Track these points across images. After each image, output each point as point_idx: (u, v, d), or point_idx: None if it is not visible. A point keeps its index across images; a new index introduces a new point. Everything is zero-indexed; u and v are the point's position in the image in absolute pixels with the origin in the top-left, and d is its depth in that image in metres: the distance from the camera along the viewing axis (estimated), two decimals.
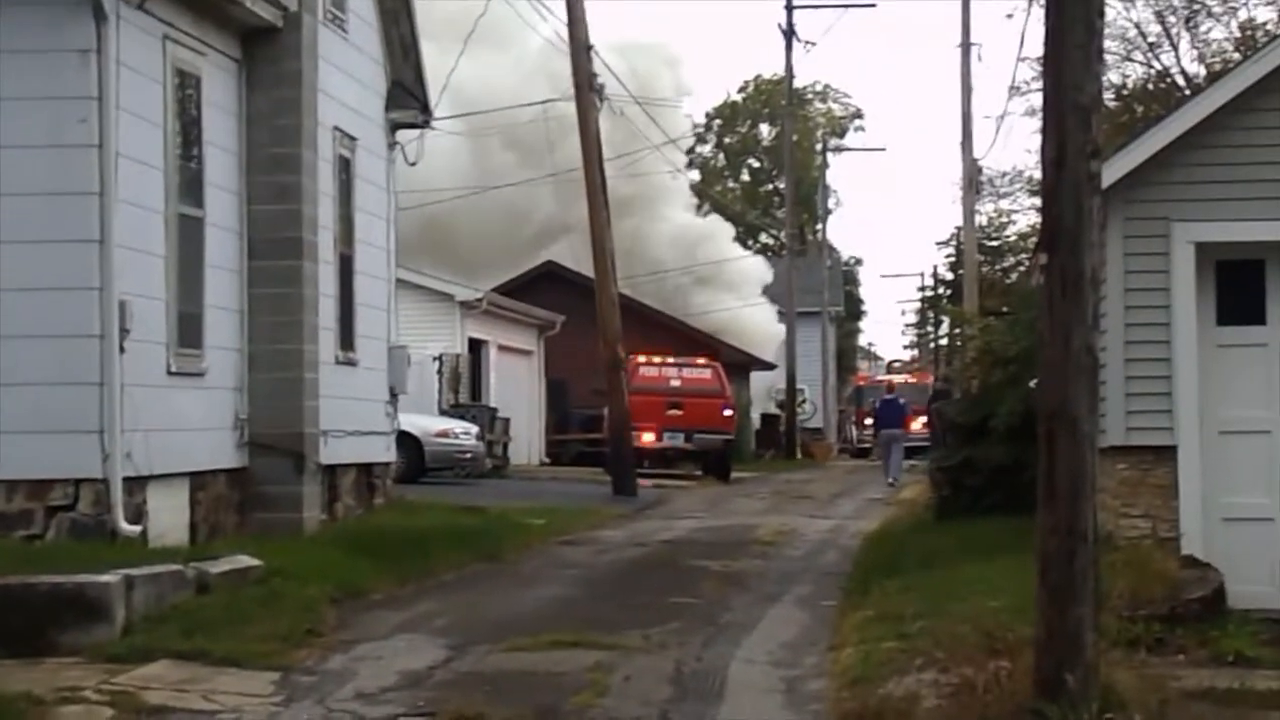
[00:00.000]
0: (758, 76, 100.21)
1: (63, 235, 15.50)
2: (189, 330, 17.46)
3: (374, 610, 15.83)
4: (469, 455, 34.60)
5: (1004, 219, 66.60)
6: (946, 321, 74.77)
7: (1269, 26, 43.82)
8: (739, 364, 59.41)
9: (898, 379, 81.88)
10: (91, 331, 15.52)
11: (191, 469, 17.57)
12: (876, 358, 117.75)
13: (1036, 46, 38.79)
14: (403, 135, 24.77)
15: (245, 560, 15.58)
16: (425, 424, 33.32)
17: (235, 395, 18.75)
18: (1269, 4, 46.35)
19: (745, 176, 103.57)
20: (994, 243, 66.82)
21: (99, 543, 15.20)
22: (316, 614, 14.61)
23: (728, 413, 44.91)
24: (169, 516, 16.94)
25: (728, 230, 70.11)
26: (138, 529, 15.91)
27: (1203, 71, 45.01)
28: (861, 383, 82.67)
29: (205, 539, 17.49)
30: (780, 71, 67.02)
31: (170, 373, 17.00)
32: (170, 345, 17.00)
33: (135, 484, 16.04)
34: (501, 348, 45.33)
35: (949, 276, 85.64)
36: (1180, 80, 46.50)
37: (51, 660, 12.34)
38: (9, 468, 15.42)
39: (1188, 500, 14.62)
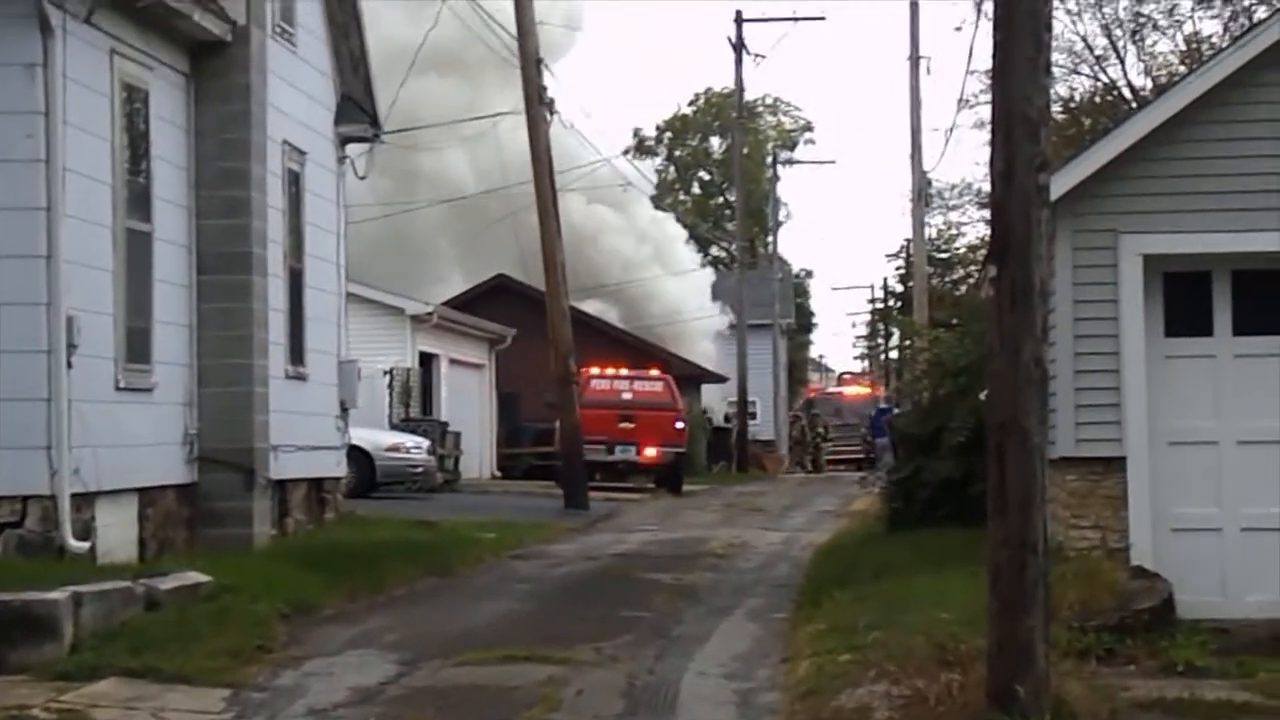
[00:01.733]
0: (708, 89, 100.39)
1: (9, 250, 15.40)
2: (137, 345, 17.37)
3: (325, 626, 15.76)
4: (420, 469, 34.51)
5: (953, 231, 66.95)
6: (897, 334, 75.00)
7: (1214, 40, 44.14)
8: (690, 376, 59.44)
9: (848, 390, 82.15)
10: (39, 346, 15.42)
11: (140, 485, 17.47)
12: (828, 370, 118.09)
13: (985, 60, 38.95)
14: (353, 149, 24.72)
15: (195, 576, 15.50)
16: (376, 438, 33.21)
17: (184, 410, 18.66)
18: (1214, 17, 46.70)
19: (696, 189, 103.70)
20: (944, 255, 67.15)
21: (47, 559, 15.10)
22: (267, 630, 14.54)
23: (679, 425, 44.93)
24: (118, 532, 16.84)
25: (680, 233, 70.27)
26: (86, 545, 15.80)
27: (1149, 84, 45.30)
28: (813, 394, 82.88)
29: (154, 555, 17.39)
30: (730, 84, 67.13)
31: (119, 388, 16.90)
32: (118, 360, 16.91)
33: (83, 500, 15.93)
34: (453, 361, 45.22)
35: (899, 289, 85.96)
36: (1127, 93, 46.78)
37: None
38: None
39: (1137, 511, 14.69)
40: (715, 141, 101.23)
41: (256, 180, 19.39)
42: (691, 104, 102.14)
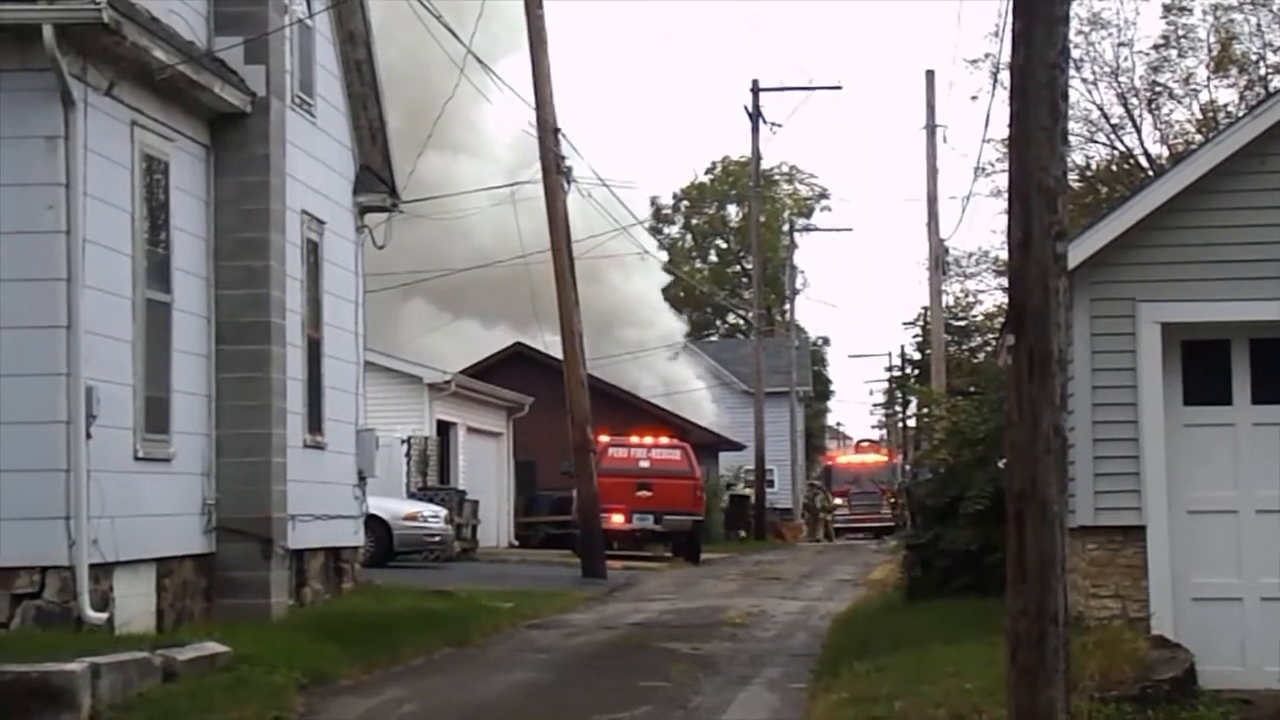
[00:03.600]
0: (725, 158, 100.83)
1: (30, 321, 15.46)
2: (156, 415, 17.40)
3: (342, 696, 15.71)
4: (437, 538, 34.47)
5: (970, 299, 66.99)
6: (914, 401, 74.93)
7: (1230, 108, 44.28)
8: (707, 445, 59.38)
9: (858, 459, 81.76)
10: (58, 417, 15.45)
11: (158, 555, 17.46)
12: (845, 437, 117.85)
13: (1002, 128, 39.09)
14: (371, 219, 24.82)
15: (212, 647, 15.47)
16: (393, 507, 33.19)
17: (203, 480, 18.67)
18: (1230, 86, 46.88)
19: (713, 257, 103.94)
20: (961, 322, 67.13)
21: (65, 630, 15.08)
22: (284, 701, 14.50)
23: (697, 494, 44.85)
24: (136, 603, 16.82)
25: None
26: (104, 616, 15.78)
27: (1165, 153, 45.44)
28: (830, 462, 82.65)
29: (172, 625, 17.37)
30: (747, 153, 67.33)
31: (137, 458, 16.92)
32: (137, 430, 16.94)
33: (102, 570, 15.93)
34: (470, 429, 45.24)
35: (916, 356, 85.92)
36: (1144, 161, 46.91)
37: None
38: None
39: (1157, 580, 14.63)
40: (732, 209, 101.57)
41: (275, 250, 19.46)
42: (708, 172, 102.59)
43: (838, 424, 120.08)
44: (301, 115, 21.47)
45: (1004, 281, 13.38)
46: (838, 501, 73.98)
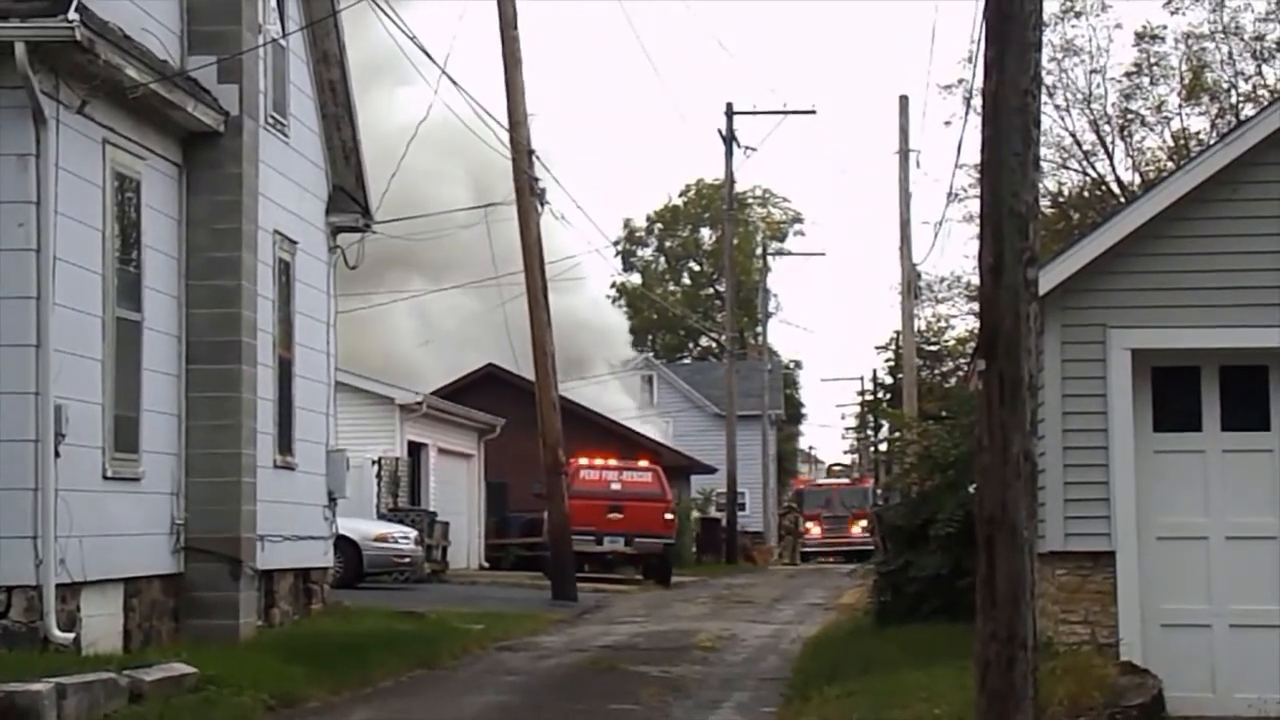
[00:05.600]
0: (699, 180, 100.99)
1: None
2: (126, 434, 17.33)
3: (309, 718, 15.63)
4: (408, 560, 34.38)
5: (943, 324, 67.09)
6: (886, 426, 75.08)
7: (1201, 136, 44.48)
8: (679, 467, 59.34)
9: (835, 482, 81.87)
10: (27, 435, 15.39)
11: (126, 575, 17.38)
12: (817, 461, 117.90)
13: (974, 153, 39.21)
14: (344, 239, 24.78)
15: (180, 668, 15.39)
16: (364, 528, 33.10)
17: (172, 500, 18.59)
18: (1202, 114, 47.08)
19: (686, 280, 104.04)
20: (933, 347, 67.24)
21: (31, 650, 15.00)
22: None
23: (668, 516, 44.81)
24: (103, 623, 16.74)
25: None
26: (71, 636, 15.70)
27: (1137, 180, 45.59)
28: (801, 486, 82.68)
29: (140, 646, 17.28)
30: (721, 176, 67.42)
31: (106, 477, 16.85)
32: (106, 450, 16.86)
33: (69, 590, 15.85)
34: (441, 450, 45.15)
35: (888, 380, 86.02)
36: (1116, 188, 47.07)
37: None
38: None
39: (1126, 606, 14.64)
40: (705, 232, 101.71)
41: (247, 270, 19.41)
42: (682, 194, 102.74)
43: (810, 448, 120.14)
44: (275, 135, 21.44)
45: (976, 306, 13.45)
46: (809, 525, 73.98)
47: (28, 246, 15.47)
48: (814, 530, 73.31)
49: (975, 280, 14.13)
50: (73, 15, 15.24)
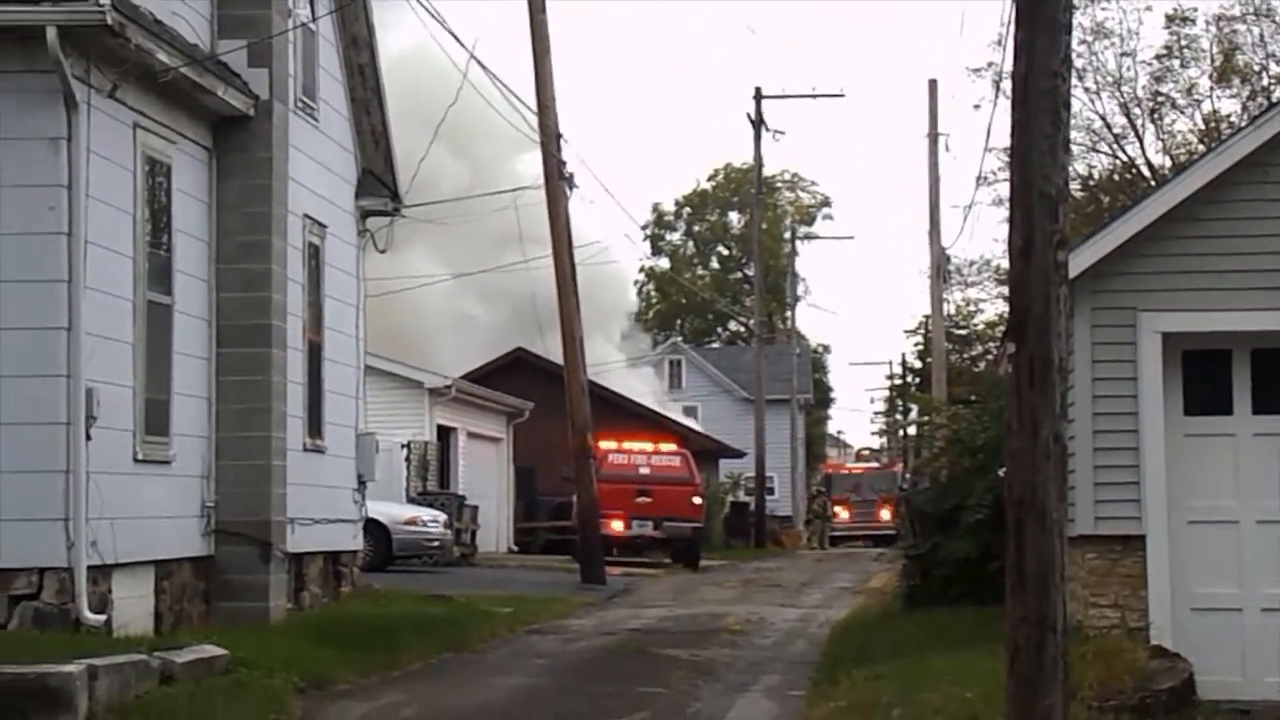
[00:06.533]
0: (727, 165, 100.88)
1: (30, 322, 15.45)
2: (156, 417, 17.39)
3: (340, 701, 15.70)
4: (437, 543, 34.46)
5: (972, 307, 66.96)
6: (915, 410, 75.00)
7: (1232, 119, 44.27)
8: (708, 451, 59.35)
9: (864, 467, 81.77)
10: (58, 418, 15.45)
11: (157, 557, 17.45)
12: (846, 445, 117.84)
13: (1003, 137, 39.12)
14: (373, 223, 24.82)
15: (211, 650, 15.45)
16: (393, 512, 33.18)
17: (202, 483, 18.66)
18: (1232, 97, 46.88)
19: (714, 264, 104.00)
20: (962, 331, 67.13)
21: (63, 632, 15.07)
22: (282, 705, 14.48)
23: (697, 500, 44.82)
24: (134, 605, 16.81)
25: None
26: (102, 618, 15.77)
27: (1168, 163, 45.41)
28: (830, 470, 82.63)
29: (170, 628, 17.36)
30: (750, 160, 67.35)
31: (137, 460, 16.91)
32: (137, 433, 16.93)
33: (100, 572, 15.92)
34: (470, 434, 45.23)
35: (917, 365, 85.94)
36: (1146, 171, 46.89)
37: None
38: None
39: (1156, 590, 14.61)
40: (734, 216, 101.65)
41: (277, 254, 19.46)
42: (711, 179, 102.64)
43: (839, 432, 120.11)
44: (304, 119, 21.47)
45: (1005, 290, 13.38)
46: (837, 509, 73.96)
47: (59, 230, 15.53)
48: (843, 515, 73.27)
49: (1005, 264, 14.11)
50: None
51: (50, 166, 15.54)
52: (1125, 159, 48.53)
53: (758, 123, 63.15)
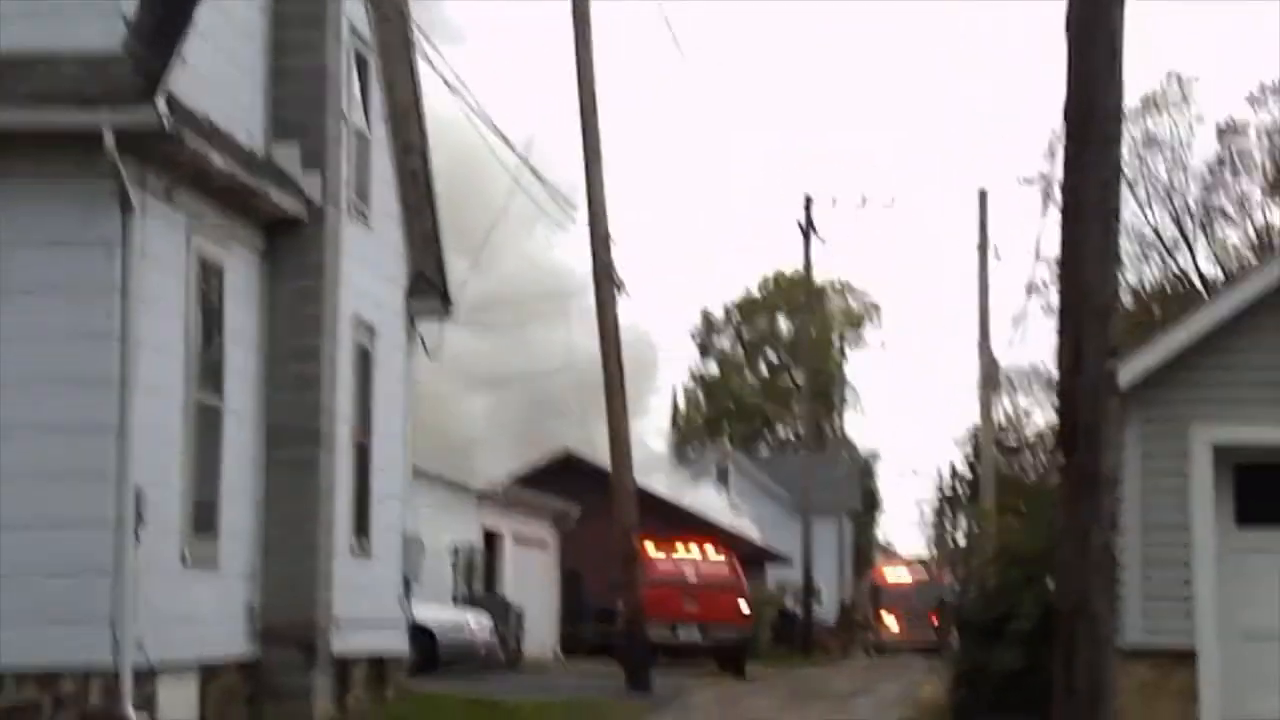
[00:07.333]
0: (777, 272, 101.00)
1: (81, 423, 15.51)
2: (204, 519, 17.41)
3: None
4: (483, 648, 34.31)
5: (1022, 416, 66.69)
6: (964, 519, 74.57)
7: None
8: (753, 557, 59.07)
9: (914, 580, 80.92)
10: (106, 519, 15.47)
11: (203, 659, 17.41)
12: (894, 554, 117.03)
13: (1053, 246, 39.08)
14: (423, 325, 24.88)
15: None
16: (439, 616, 33.07)
17: (248, 584, 18.63)
18: None
19: (763, 370, 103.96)
20: (1012, 441, 66.84)
21: None
22: None
23: (744, 607, 44.50)
24: (179, 708, 16.75)
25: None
26: None
27: (1219, 273, 45.31)
28: (880, 582, 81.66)
29: None
30: (799, 266, 67.46)
31: (184, 562, 16.91)
32: (185, 534, 16.94)
33: (145, 675, 15.88)
34: (517, 538, 45.15)
35: (968, 474, 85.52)
36: (1197, 282, 46.80)
37: None
38: (17, 657, 15.28)
39: (1208, 706, 14.44)
40: (783, 323, 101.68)
41: (327, 356, 19.52)
42: (760, 286, 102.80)
43: (887, 541, 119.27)
44: (357, 223, 21.60)
45: (1054, 398, 13.39)
46: (889, 619, 73.44)
47: (111, 332, 15.62)
48: (892, 626, 72.74)
49: (1055, 372, 14.11)
50: (161, 104, 15.44)
51: (104, 270, 15.64)
52: (1176, 269, 48.48)
53: (807, 229, 63.33)
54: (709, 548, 46.53)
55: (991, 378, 48.56)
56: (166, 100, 15.53)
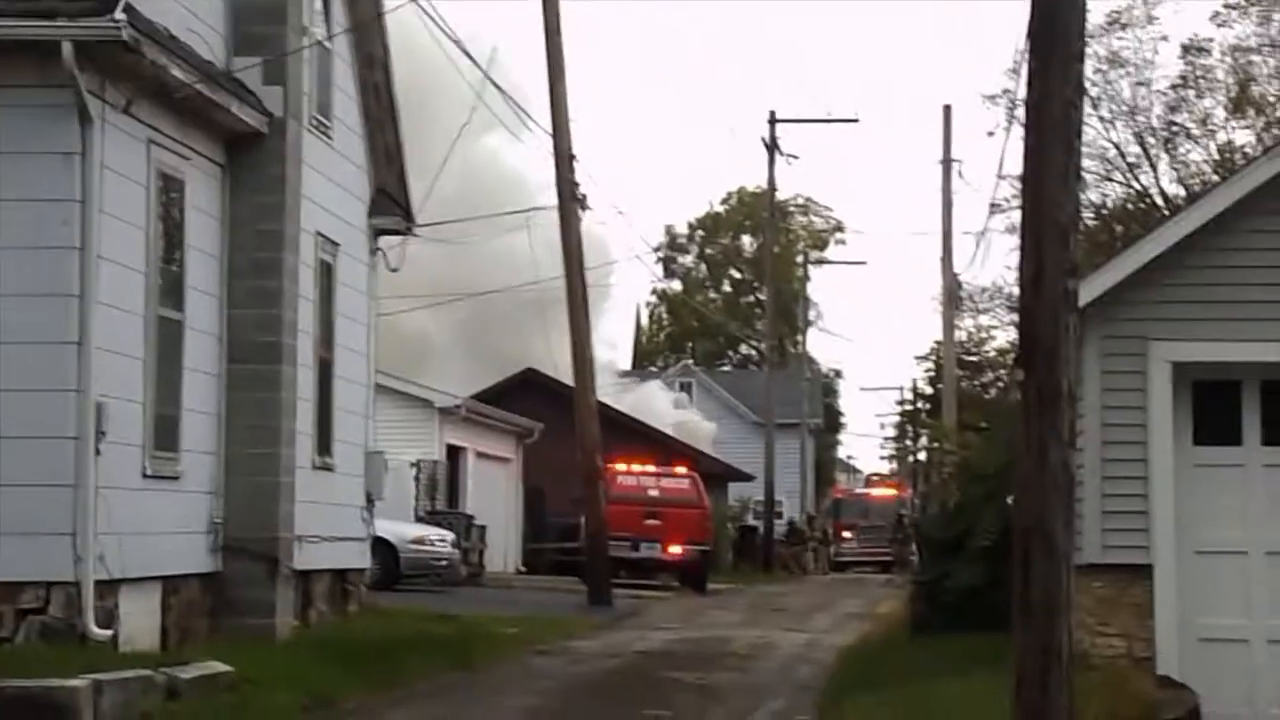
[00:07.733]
0: (741, 188, 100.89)
1: (41, 336, 15.48)
2: (165, 433, 17.40)
3: (345, 719, 15.67)
4: (444, 563, 34.41)
5: (983, 334, 66.83)
6: (925, 436, 74.90)
7: (1247, 149, 44.25)
8: (716, 474, 59.29)
9: (875, 492, 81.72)
10: (67, 433, 15.46)
11: (164, 573, 17.45)
12: (855, 470, 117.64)
13: (1016, 164, 39.03)
14: (385, 241, 24.83)
15: (216, 666, 15.45)
16: (401, 531, 33.14)
17: (210, 499, 18.66)
18: (1247, 127, 46.85)
19: (726, 287, 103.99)
20: (973, 358, 67.01)
21: (69, 647, 15.05)
22: None
23: (706, 524, 44.72)
24: (140, 621, 16.81)
25: None
26: (109, 633, 15.77)
27: (1181, 192, 45.38)
28: (840, 495, 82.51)
29: (176, 644, 17.34)
30: (763, 184, 67.38)
31: (145, 475, 16.92)
32: (146, 448, 16.93)
33: (107, 587, 15.91)
34: (480, 454, 45.20)
35: (928, 390, 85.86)
36: (1159, 200, 46.87)
37: None
38: None
39: (1164, 620, 14.58)
40: (747, 240, 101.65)
41: (289, 271, 19.48)
42: (724, 202, 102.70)
43: (849, 457, 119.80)
44: (318, 137, 21.51)
45: (1017, 317, 13.40)
46: (846, 534, 73.89)
47: (71, 244, 15.55)
48: (850, 540, 73.22)
49: (1016, 291, 14.13)
50: (120, 15, 15.30)
51: (63, 181, 15.57)
52: (1139, 188, 48.51)
53: (771, 146, 63.22)
54: (673, 466, 46.70)
55: (954, 295, 48.64)
56: (126, 10, 15.40)
